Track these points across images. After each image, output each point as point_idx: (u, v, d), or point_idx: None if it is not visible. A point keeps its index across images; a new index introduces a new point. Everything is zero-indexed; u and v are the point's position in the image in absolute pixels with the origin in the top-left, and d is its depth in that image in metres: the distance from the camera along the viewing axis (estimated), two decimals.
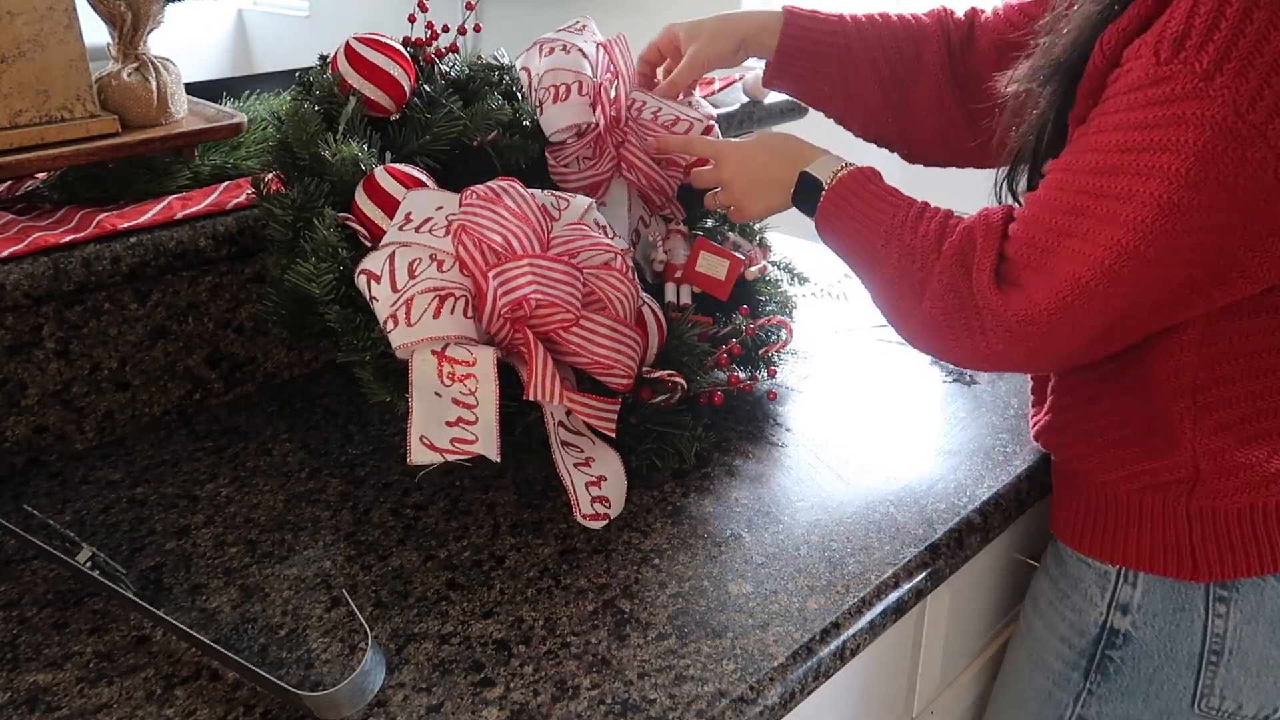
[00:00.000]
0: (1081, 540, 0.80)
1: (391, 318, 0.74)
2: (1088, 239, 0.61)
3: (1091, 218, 0.61)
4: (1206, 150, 0.56)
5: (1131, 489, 0.75)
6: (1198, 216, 0.58)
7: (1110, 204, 0.60)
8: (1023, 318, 0.65)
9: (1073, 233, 0.62)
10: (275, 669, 0.66)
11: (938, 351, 0.74)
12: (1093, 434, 0.76)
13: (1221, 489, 0.71)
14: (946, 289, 0.69)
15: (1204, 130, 0.56)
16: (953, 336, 0.70)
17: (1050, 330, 0.65)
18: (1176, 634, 0.75)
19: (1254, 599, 0.72)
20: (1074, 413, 0.78)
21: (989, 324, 0.67)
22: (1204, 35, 0.56)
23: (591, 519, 0.76)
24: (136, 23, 0.94)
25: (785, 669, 0.66)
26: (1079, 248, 0.62)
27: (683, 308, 0.95)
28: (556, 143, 0.95)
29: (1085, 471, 0.78)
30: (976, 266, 0.68)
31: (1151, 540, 0.75)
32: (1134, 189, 0.59)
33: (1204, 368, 0.68)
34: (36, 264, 0.83)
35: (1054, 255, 0.63)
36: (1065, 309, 0.63)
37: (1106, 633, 0.78)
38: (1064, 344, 0.66)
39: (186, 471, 0.89)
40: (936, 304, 0.70)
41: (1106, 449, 0.76)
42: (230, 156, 1.02)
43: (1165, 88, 0.57)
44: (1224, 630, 0.74)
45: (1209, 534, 0.72)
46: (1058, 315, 0.64)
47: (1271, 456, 0.70)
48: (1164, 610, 0.75)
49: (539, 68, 0.96)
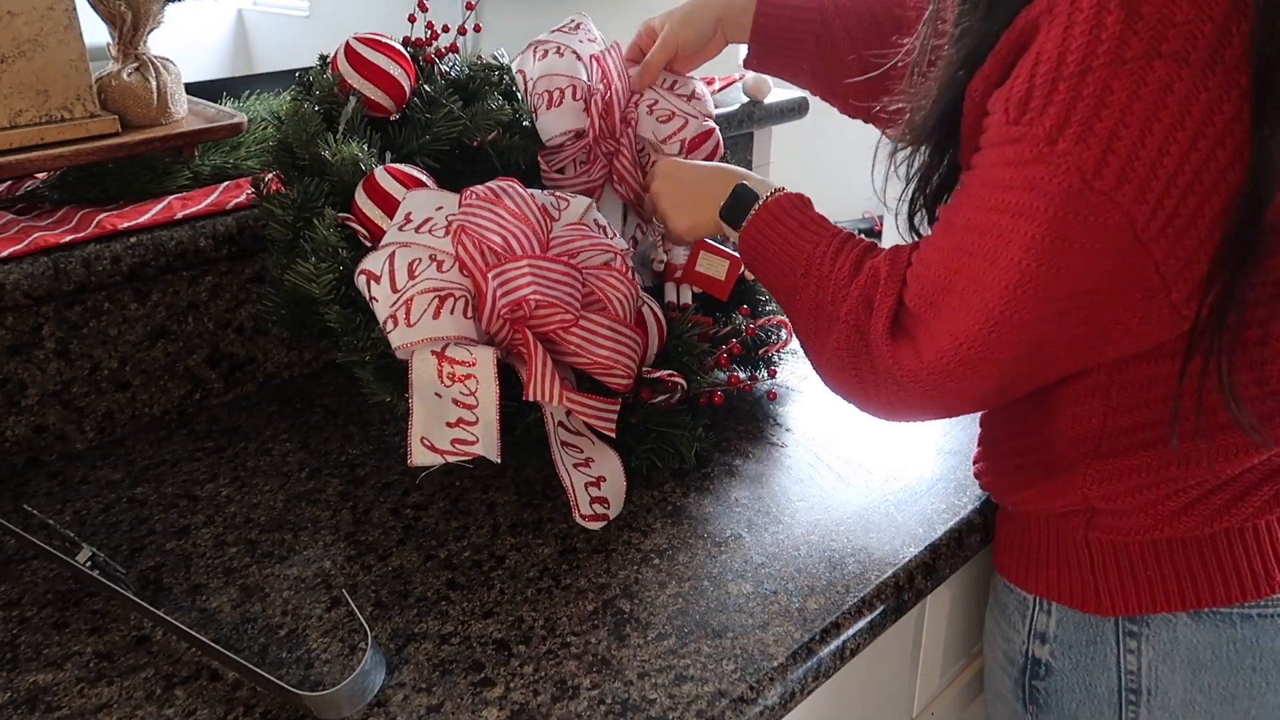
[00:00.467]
0: (1004, 567, 0.79)
1: (391, 318, 0.74)
2: (963, 298, 0.60)
3: (966, 276, 0.59)
4: (1059, 217, 0.54)
5: (1037, 515, 0.74)
6: (1060, 283, 0.56)
7: (980, 264, 0.58)
8: (909, 373, 0.63)
9: (951, 289, 0.60)
10: (275, 669, 0.66)
11: (843, 393, 0.71)
12: (1004, 472, 0.75)
13: (1119, 526, 0.69)
14: (852, 329, 0.67)
15: (1054, 198, 0.54)
16: (854, 380, 0.68)
17: (937, 386, 0.63)
18: (1092, 667, 0.73)
19: (1166, 637, 0.69)
20: (989, 449, 0.78)
21: (881, 374, 0.66)
22: (1045, 98, 0.54)
23: (591, 520, 0.76)
24: (136, 23, 0.94)
25: (785, 669, 0.66)
26: (957, 306, 0.60)
27: (683, 308, 0.95)
28: (552, 147, 0.94)
29: (1010, 504, 0.77)
30: (876, 311, 0.66)
31: (1059, 569, 0.73)
32: (998, 252, 0.57)
33: (1109, 414, 0.66)
34: (36, 264, 0.83)
35: (938, 312, 0.61)
36: (944, 370, 0.61)
37: (1030, 661, 0.77)
38: (951, 399, 0.64)
39: (186, 471, 0.89)
40: (841, 343, 0.68)
41: (1015, 489, 0.74)
42: (230, 156, 1.02)
43: (1016, 149, 0.55)
44: (1138, 668, 0.71)
45: (1110, 565, 0.70)
46: (940, 375, 0.62)
47: (1167, 499, 0.67)
48: (1078, 641, 0.73)
49: (533, 72, 0.96)
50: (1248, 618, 0.68)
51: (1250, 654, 0.68)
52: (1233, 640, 0.68)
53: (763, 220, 0.76)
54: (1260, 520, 0.68)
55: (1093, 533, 0.70)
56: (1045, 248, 0.55)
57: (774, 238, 0.75)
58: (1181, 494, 0.67)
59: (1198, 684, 0.70)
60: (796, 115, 1.40)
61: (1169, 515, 0.68)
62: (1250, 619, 0.68)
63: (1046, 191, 0.54)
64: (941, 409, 0.67)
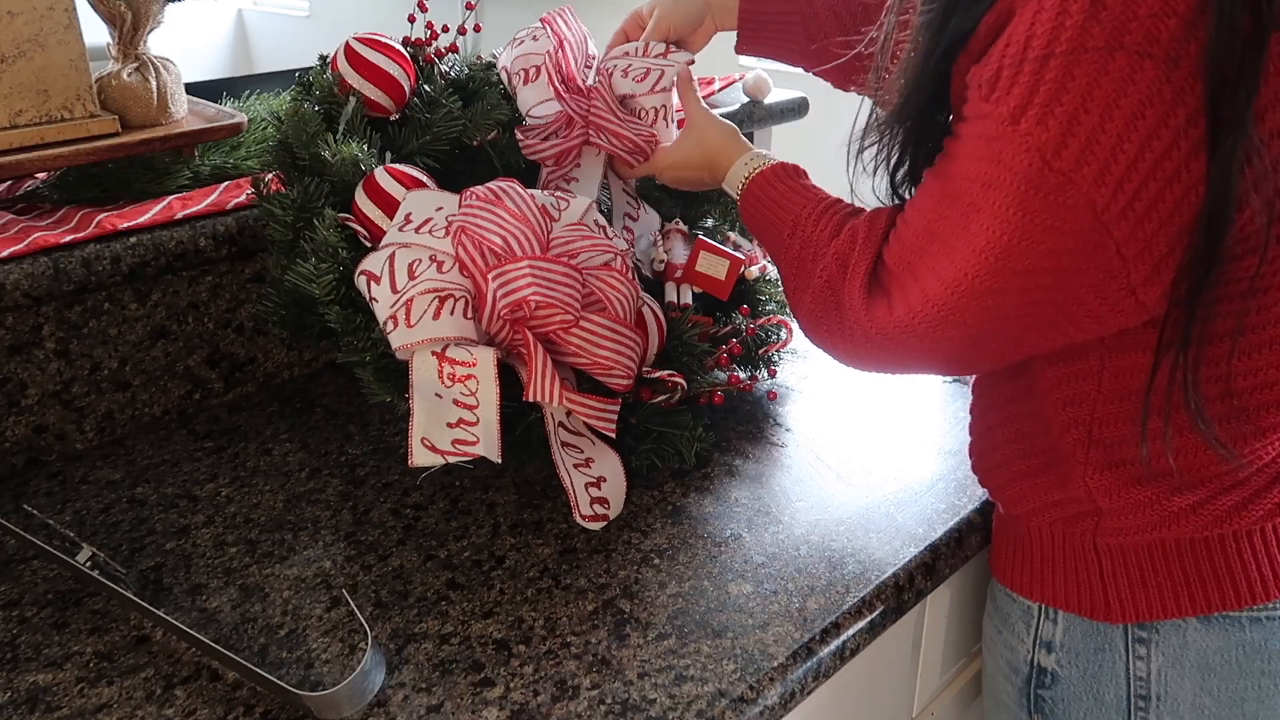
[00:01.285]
0: (1005, 575, 0.78)
1: (391, 318, 0.74)
2: (937, 260, 0.62)
3: (940, 240, 0.61)
4: (1022, 194, 0.56)
5: (1043, 523, 0.73)
6: (1026, 258, 0.57)
7: (952, 229, 0.60)
8: (879, 326, 0.66)
9: (927, 251, 0.63)
10: (275, 669, 0.66)
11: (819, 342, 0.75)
12: (1002, 465, 0.75)
13: (1125, 526, 0.69)
14: (825, 285, 0.70)
15: (1017, 174, 0.56)
16: (827, 331, 0.72)
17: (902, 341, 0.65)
18: (1100, 675, 0.73)
19: (1176, 642, 0.69)
20: (985, 441, 0.77)
21: (850, 326, 0.68)
22: (1011, 79, 0.55)
23: (591, 520, 0.76)
24: (136, 23, 0.94)
25: (785, 669, 0.66)
26: (931, 267, 0.62)
27: (683, 308, 0.95)
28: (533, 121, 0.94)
29: (1003, 504, 0.77)
30: (852, 269, 0.68)
31: (1066, 577, 0.73)
32: (969, 221, 0.59)
33: (1101, 401, 0.66)
34: (36, 264, 0.84)
35: (913, 271, 0.64)
36: (911, 327, 0.64)
37: (1035, 670, 0.76)
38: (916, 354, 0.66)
39: (186, 471, 0.89)
40: (816, 298, 0.71)
41: (1015, 480, 0.74)
42: (230, 156, 1.02)
43: (984, 125, 0.57)
44: (1147, 674, 0.71)
45: (1120, 571, 0.70)
46: (906, 330, 0.64)
47: (1170, 495, 0.67)
48: (1085, 649, 0.73)
49: (507, 59, 0.95)
50: (1257, 621, 0.68)
51: (1259, 657, 0.68)
52: (1242, 644, 0.68)
53: (759, 185, 0.81)
54: (1269, 524, 0.68)
55: (1101, 538, 0.70)
56: (1011, 221, 0.57)
57: (767, 201, 0.79)
58: (1187, 491, 0.67)
59: (1207, 688, 0.69)
60: (796, 115, 1.40)
61: (1175, 514, 0.67)
62: (1260, 622, 0.68)
63: (1011, 168, 0.56)
64: (906, 363, 0.69)
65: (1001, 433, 0.74)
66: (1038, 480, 0.72)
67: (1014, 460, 0.73)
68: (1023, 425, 0.72)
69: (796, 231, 0.75)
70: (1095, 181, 0.54)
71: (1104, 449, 0.67)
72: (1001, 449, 0.75)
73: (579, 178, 0.97)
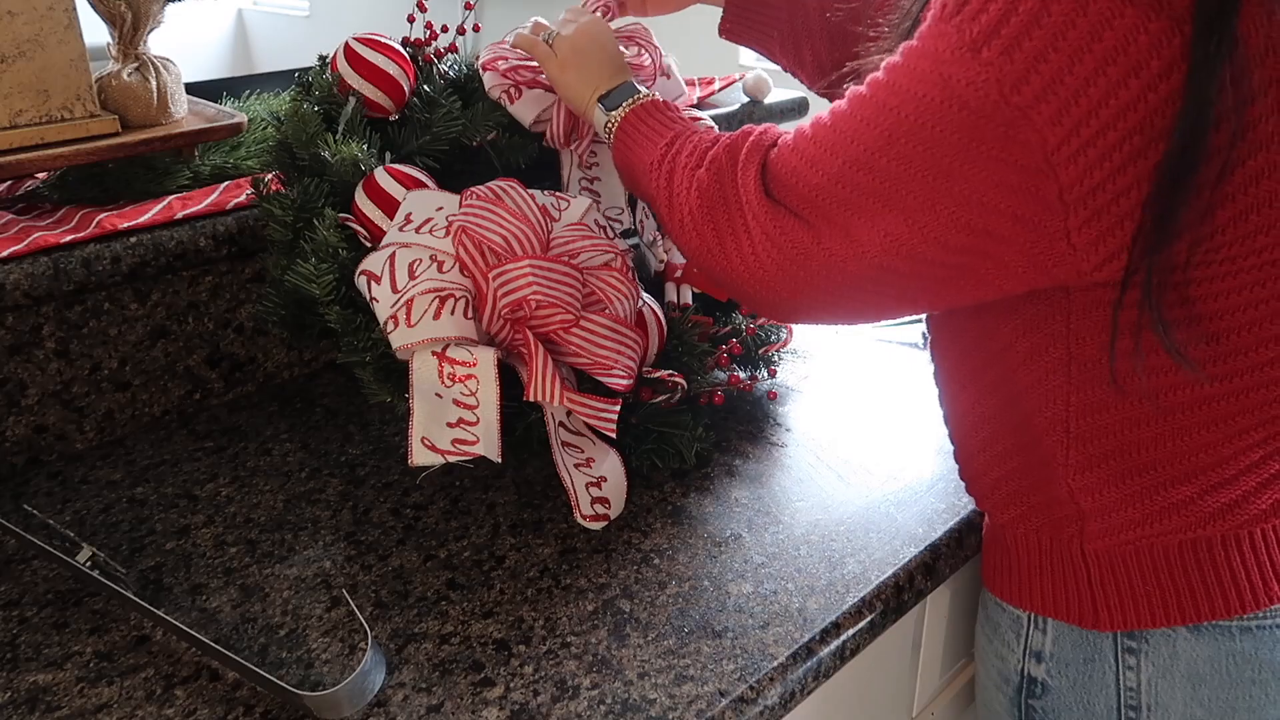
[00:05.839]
0: (994, 583, 0.77)
1: (392, 318, 0.75)
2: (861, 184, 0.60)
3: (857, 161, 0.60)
4: (967, 122, 0.54)
5: (1029, 529, 0.72)
6: (964, 184, 0.56)
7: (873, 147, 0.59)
8: (791, 237, 0.64)
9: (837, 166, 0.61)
10: (275, 669, 0.66)
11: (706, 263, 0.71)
12: (985, 470, 0.74)
13: (1110, 525, 0.68)
14: (714, 175, 0.68)
15: (965, 103, 0.54)
16: (716, 239, 0.68)
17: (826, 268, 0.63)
18: (1090, 685, 0.72)
19: (1166, 652, 0.68)
20: (966, 448, 0.76)
21: (747, 224, 0.66)
22: (982, 4, 0.54)
23: (592, 519, 0.76)
24: (136, 23, 0.94)
25: (785, 669, 0.66)
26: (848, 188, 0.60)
27: (683, 308, 0.95)
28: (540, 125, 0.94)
29: (989, 511, 0.76)
30: (745, 157, 0.67)
31: (1054, 585, 0.72)
32: (899, 138, 0.57)
33: (1074, 392, 0.65)
34: (36, 264, 0.84)
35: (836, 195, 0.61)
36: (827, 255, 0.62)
37: (1026, 681, 0.75)
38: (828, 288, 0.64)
39: (186, 471, 0.89)
40: (703, 196, 0.69)
41: (998, 485, 0.73)
42: (230, 156, 1.02)
43: (938, 44, 0.55)
44: (1137, 684, 0.70)
45: (1108, 578, 0.69)
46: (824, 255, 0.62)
47: (1154, 491, 0.66)
48: (1075, 659, 0.72)
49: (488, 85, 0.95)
50: (1247, 630, 0.67)
51: (1250, 666, 0.68)
52: (1232, 653, 0.68)
53: (645, 109, 0.79)
54: (1257, 529, 0.67)
55: (1088, 542, 0.69)
56: (948, 148, 0.55)
57: (649, 122, 0.77)
58: (1172, 487, 0.66)
59: (1197, 698, 0.69)
60: (796, 115, 1.40)
61: (1161, 510, 0.66)
62: (1250, 631, 0.67)
63: (958, 95, 0.54)
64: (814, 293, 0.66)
65: (980, 435, 0.73)
66: (1019, 483, 0.71)
67: (994, 465, 0.72)
68: (998, 426, 0.71)
69: (678, 140, 0.73)
70: (1051, 121, 0.53)
71: (1083, 445, 0.66)
72: (979, 455, 0.74)
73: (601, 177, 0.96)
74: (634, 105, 0.79)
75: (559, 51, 0.85)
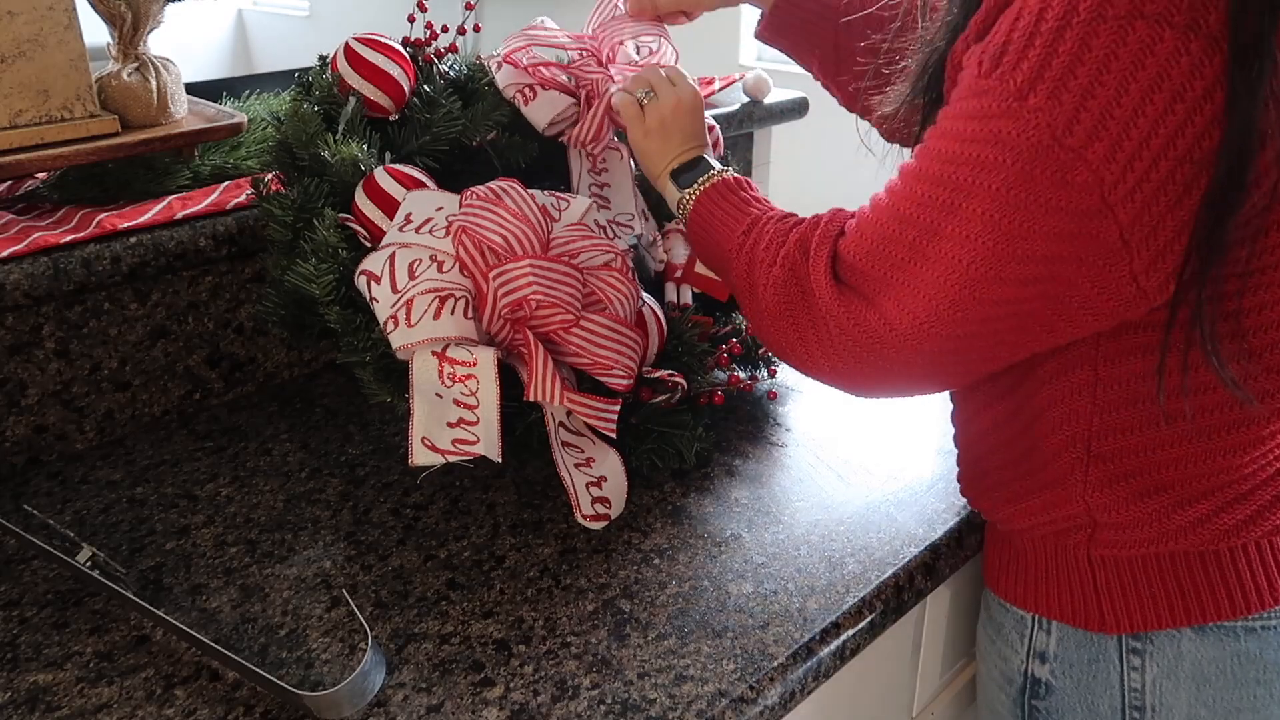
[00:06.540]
0: (998, 585, 0.77)
1: (392, 318, 0.75)
2: (921, 254, 0.59)
3: (919, 227, 0.59)
4: (1024, 173, 0.53)
5: (1036, 536, 0.72)
6: (1026, 242, 0.55)
7: (937, 217, 0.58)
8: (862, 324, 0.63)
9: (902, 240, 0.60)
10: (275, 669, 0.66)
11: (788, 355, 0.70)
12: (996, 486, 0.74)
13: (1124, 539, 0.68)
14: (788, 271, 0.67)
15: (1020, 153, 0.53)
16: (792, 330, 0.67)
17: (885, 346, 0.62)
18: (1094, 686, 0.72)
19: (1170, 653, 0.68)
20: (974, 468, 0.76)
21: (820, 318, 0.65)
22: (1020, 52, 0.53)
23: (592, 519, 0.76)
24: (136, 23, 0.94)
25: (785, 669, 0.66)
26: (917, 263, 0.59)
27: (683, 308, 0.95)
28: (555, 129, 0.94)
29: (998, 523, 0.76)
30: (814, 254, 0.65)
31: (1059, 587, 0.72)
32: (958, 206, 0.56)
33: (1097, 414, 0.65)
34: (36, 264, 0.84)
35: (897, 268, 0.60)
36: (898, 331, 0.61)
37: (1030, 681, 0.75)
38: (900, 367, 0.63)
39: (186, 471, 0.89)
40: (779, 293, 0.68)
41: (1009, 501, 0.73)
42: (230, 156, 1.02)
43: (982, 102, 0.55)
44: (1142, 685, 0.70)
45: (1114, 582, 0.69)
46: (893, 334, 0.61)
47: (1173, 510, 0.65)
48: (1079, 660, 0.72)
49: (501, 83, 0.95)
50: (1251, 631, 0.67)
51: (1254, 667, 0.68)
52: (1236, 654, 0.68)
53: (718, 190, 0.77)
54: (1265, 539, 0.67)
55: (1095, 549, 0.69)
56: (1010, 202, 0.54)
57: (724, 205, 0.76)
58: (1191, 505, 0.65)
59: (1202, 699, 0.69)
60: (796, 115, 1.40)
61: (1179, 529, 0.66)
62: (1254, 632, 0.67)
63: (1013, 147, 0.53)
64: (888, 369, 0.64)
65: (994, 458, 0.73)
66: (1033, 501, 0.71)
67: (1008, 482, 0.72)
68: (1013, 445, 0.70)
69: (753, 229, 0.72)
70: (1106, 158, 0.52)
71: (1104, 464, 0.66)
72: (995, 473, 0.73)
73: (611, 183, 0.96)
74: (708, 184, 0.78)
75: (649, 118, 0.84)
